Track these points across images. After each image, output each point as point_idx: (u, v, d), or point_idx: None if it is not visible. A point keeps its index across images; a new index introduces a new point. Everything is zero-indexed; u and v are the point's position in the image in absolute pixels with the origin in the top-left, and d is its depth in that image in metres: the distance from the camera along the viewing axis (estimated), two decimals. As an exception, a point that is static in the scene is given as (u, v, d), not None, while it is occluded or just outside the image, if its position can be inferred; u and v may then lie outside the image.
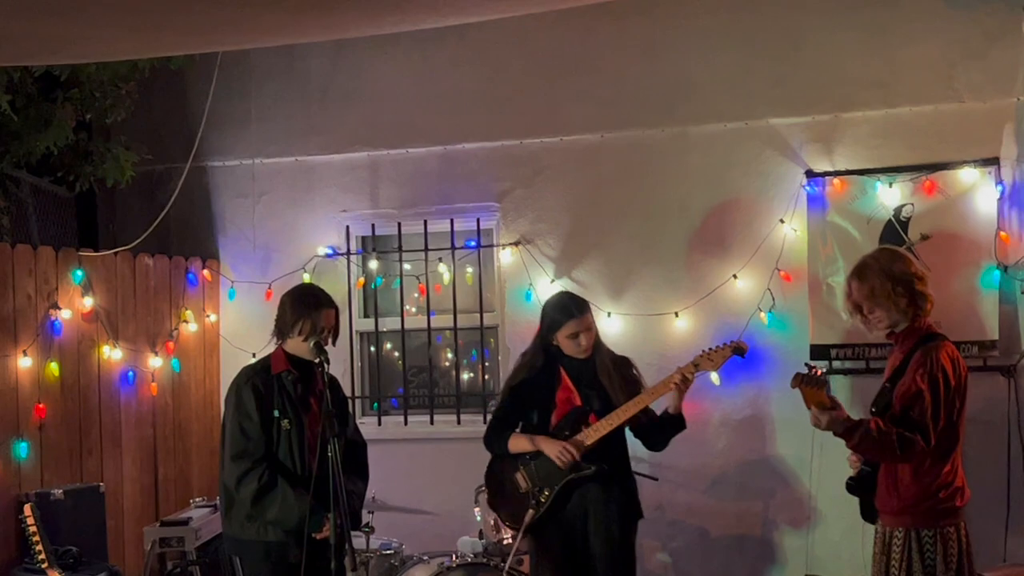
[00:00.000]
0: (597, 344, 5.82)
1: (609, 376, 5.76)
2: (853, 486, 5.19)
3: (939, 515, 4.93)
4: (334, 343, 5.52)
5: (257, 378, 5.44)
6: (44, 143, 7.38)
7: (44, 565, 5.02)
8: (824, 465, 7.18)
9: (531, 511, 5.65)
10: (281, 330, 5.53)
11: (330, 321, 5.50)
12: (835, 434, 4.91)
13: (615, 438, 5.71)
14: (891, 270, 5.02)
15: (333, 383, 5.53)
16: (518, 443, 5.76)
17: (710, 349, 5.71)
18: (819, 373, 4.80)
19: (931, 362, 4.91)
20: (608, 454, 5.71)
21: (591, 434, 5.64)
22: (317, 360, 5.31)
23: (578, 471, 5.64)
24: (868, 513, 5.22)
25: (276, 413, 5.37)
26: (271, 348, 5.64)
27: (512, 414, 5.86)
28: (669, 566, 7.65)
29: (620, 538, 5.71)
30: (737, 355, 5.70)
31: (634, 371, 5.93)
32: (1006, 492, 6.93)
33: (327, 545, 5.05)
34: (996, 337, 6.99)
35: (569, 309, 5.75)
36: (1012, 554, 6.81)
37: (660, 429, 5.83)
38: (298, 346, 5.46)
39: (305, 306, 5.48)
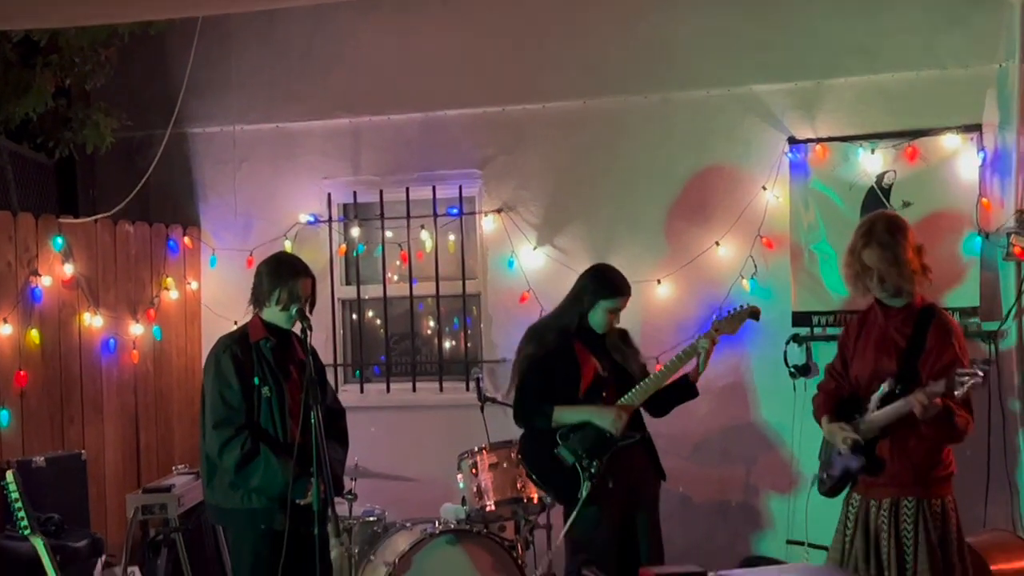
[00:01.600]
0: None
1: (619, 348, 5.96)
2: (867, 467, 5.13)
3: (942, 482, 5.00)
4: (310, 312, 5.51)
5: (236, 346, 5.43)
6: (23, 109, 7.33)
7: (27, 532, 5.00)
8: (806, 431, 7.19)
9: (586, 483, 5.70)
10: (258, 299, 5.52)
11: (307, 290, 5.50)
12: (927, 423, 4.89)
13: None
14: (910, 238, 5.05)
15: (312, 352, 5.52)
16: (564, 415, 5.82)
17: (728, 313, 5.93)
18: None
19: (955, 334, 4.97)
20: (639, 421, 5.91)
21: (633, 400, 5.81)
22: (301, 328, 5.30)
23: (624, 439, 5.78)
24: (834, 489, 5.26)
25: (256, 381, 5.37)
26: (250, 317, 5.64)
27: (542, 385, 5.91)
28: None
29: (655, 502, 5.99)
30: (752, 318, 5.90)
31: (632, 342, 6.13)
32: (986, 459, 6.96)
33: (311, 512, 5.05)
34: (977, 304, 7.01)
35: (624, 286, 5.91)
36: (991, 520, 6.85)
37: (670, 396, 6.02)
38: (275, 314, 5.47)
39: (282, 275, 5.48)
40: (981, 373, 4.68)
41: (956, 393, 4.71)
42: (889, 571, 4.96)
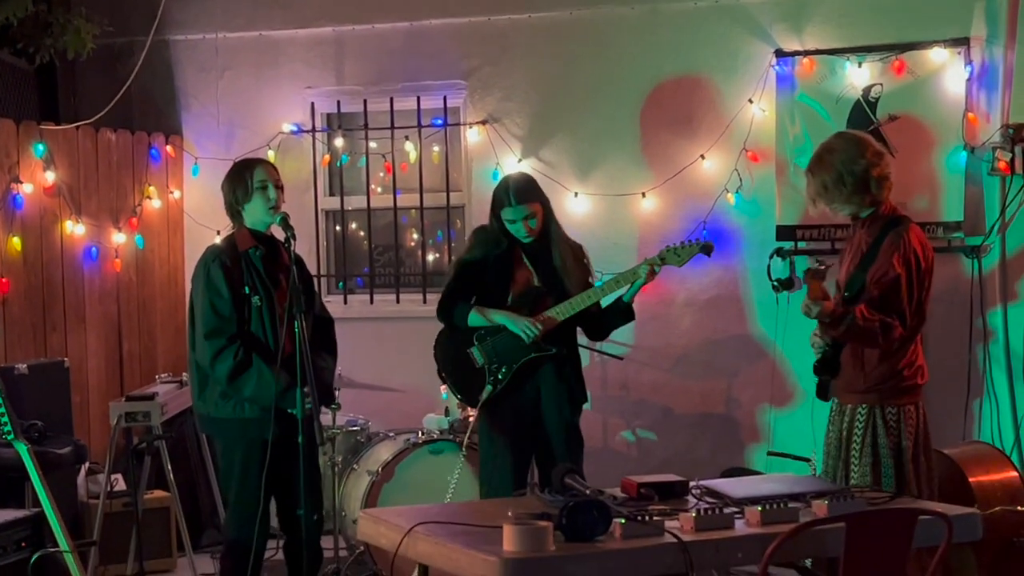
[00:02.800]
0: (549, 228, 5.70)
1: (564, 261, 5.68)
2: (820, 368, 5.21)
3: (902, 392, 4.98)
4: (282, 197, 5.47)
5: (224, 256, 5.37)
6: (3, 14, 7.22)
7: (11, 437, 5.00)
8: (787, 345, 7.23)
9: (488, 387, 5.64)
10: (232, 208, 5.46)
11: (271, 174, 5.43)
12: (821, 323, 4.91)
13: (568, 322, 5.66)
14: (842, 163, 4.97)
15: (298, 261, 5.49)
16: (481, 315, 5.67)
17: (679, 244, 5.67)
18: (823, 267, 4.79)
19: (904, 245, 4.91)
20: (563, 337, 5.68)
21: (558, 314, 5.60)
22: (285, 237, 5.26)
23: (539, 350, 5.62)
24: (823, 391, 5.27)
25: (247, 290, 5.33)
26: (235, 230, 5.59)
27: (467, 287, 5.75)
28: (633, 444, 7.73)
29: (570, 419, 5.71)
30: (703, 253, 5.67)
31: (585, 259, 5.85)
32: (966, 372, 7.01)
33: (297, 421, 5.06)
34: (961, 218, 7.02)
35: (505, 196, 5.63)
36: (970, 433, 6.91)
37: (608, 318, 5.80)
38: (256, 216, 5.40)
39: (238, 173, 5.43)
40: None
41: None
42: (840, 474, 5.02)
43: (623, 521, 3.82)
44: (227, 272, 5.31)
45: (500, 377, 5.63)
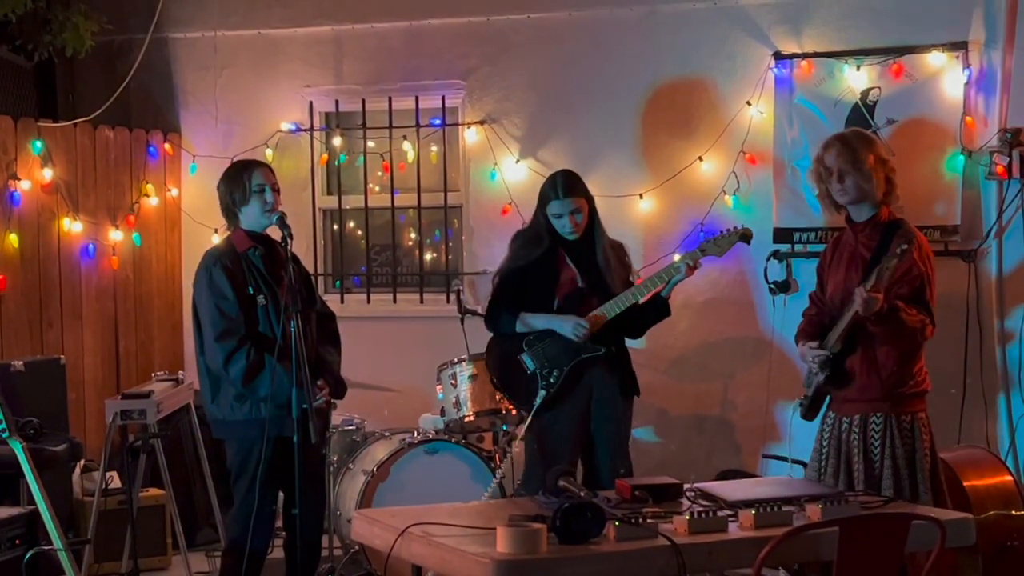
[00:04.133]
0: (595, 225, 5.79)
1: (607, 260, 5.75)
2: (830, 382, 5.13)
3: (914, 398, 4.99)
4: (279, 200, 5.47)
5: (225, 258, 5.38)
6: (2, 11, 7.22)
7: (6, 434, 5.01)
8: (784, 348, 7.24)
9: (542, 392, 5.66)
10: (228, 209, 5.47)
11: (269, 177, 5.45)
12: (868, 317, 4.84)
13: (612, 320, 5.70)
14: (876, 148, 5.03)
15: (295, 259, 5.50)
16: (530, 320, 5.73)
17: (718, 234, 5.74)
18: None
19: (920, 244, 4.94)
20: (610, 336, 5.73)
21: (606, 312, 5.65)
22: (282, 236, 5.27)
23: (588, 351, 5.66)
24: (814, 411, 5.27)
25: (251, 290, 5.34)
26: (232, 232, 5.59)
27: (514, 294, 5.80)
28: (628, 445, 7.71)
29: (623, 415, 5.81)
30: (743, 241, 5.74)
31: (626, 258, 5.95)
32: (962, 376, 7.01)
33: (315, 418, 5.07)
34: (958, 222, 7.02)
35: (553, 190, 5.70)
36: (966, 437, 6.91)
37: (648, 314, 5.86)
38: (252, 219, 5.42)
39: (235, 175, 5.45)
40: (899, 250, 4.68)
41: (884, 277, 4.69)
42: (859, 487, 5.00)
43: (617, 523, 3.82)
44: (230, 274, 5.32)
45: (552, 381, 5.66)
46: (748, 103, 7.38)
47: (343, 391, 5.67)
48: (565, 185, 5.69)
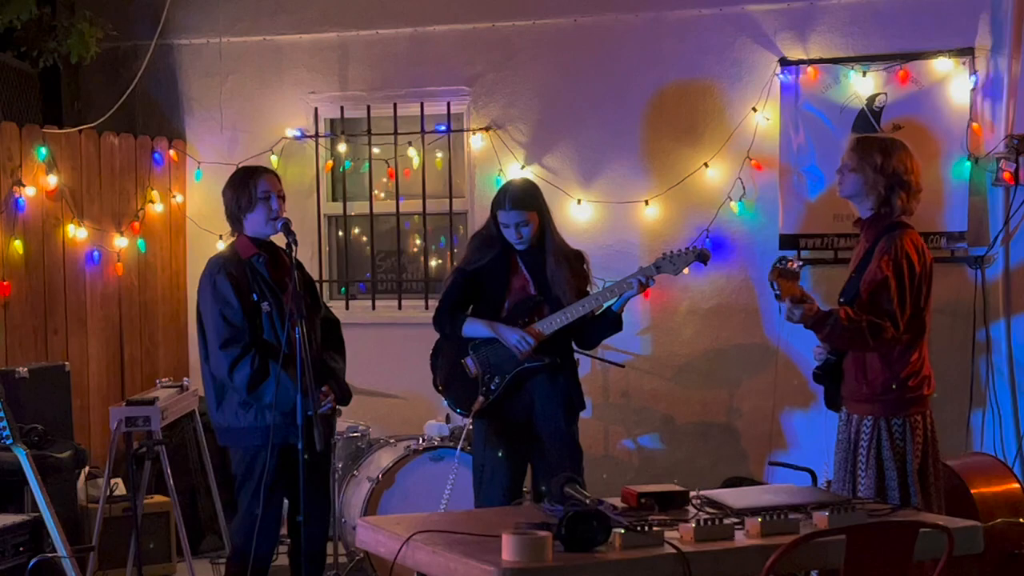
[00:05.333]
0: (547, 236, 5.68)
1: (559, 269, 5.64)
2: (820, 375, 5.22)
3: (908, 403, 4.97)
4: (283, 207, 5.47)
5: (229, 265, 5.37)
6: (7, 17, 7.23)
7: (10, 441, 5.00)
8: (789, 354, 7.23)
9: (480, 398, 5.61)
10: (233, 215, 5.46)
11: (274, 184, 5.44)
12: (806, 327, 4.90)
13: (563, 330, 5.63)
14: (895, 160, 5.02)
15: (299, 266, 5.49)
16: (474, 327, 5.66)
17: (673, 252, 5.66)
18: (793, 265, 4.78)
19: (895, 249, 4.92)
20: (557, 346, 5.66)
21: (549, 325, 5.57)
22: (287, 243, 5.27)
23: (531, 361, 5.60)
24: (832, 401, 5.26)
25: (255, 297, 5.33)
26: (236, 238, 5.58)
27: (463, 296, 5.74)
28: (634, 452, 7.71)
29: (566, 429, 5.69)
30: (699, 261, 5.66)
31: (585, 266, 5.82)
32: (969, 383, 6.99)
33: (320, 426, 5.06)
34: (965, 228, 7.00)
35: (501, 200, 5.63)
36: (973, 444, 6.89)
37: (598, 327, 5.78)
38: (257, 226, 5.41)
39: (241, 182, 5.43)
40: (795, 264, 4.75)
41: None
42: (848, 485, 5.02)
43: (623, 531, 3.80)
44: (234, 281, 5.31)
45: (492, 388, 5.62)
46: (754, 109, 7.37)
47: (348, 398, 5.65)
48: (513, 198, 5.60)
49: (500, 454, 5.63)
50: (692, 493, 4.44)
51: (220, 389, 5.36)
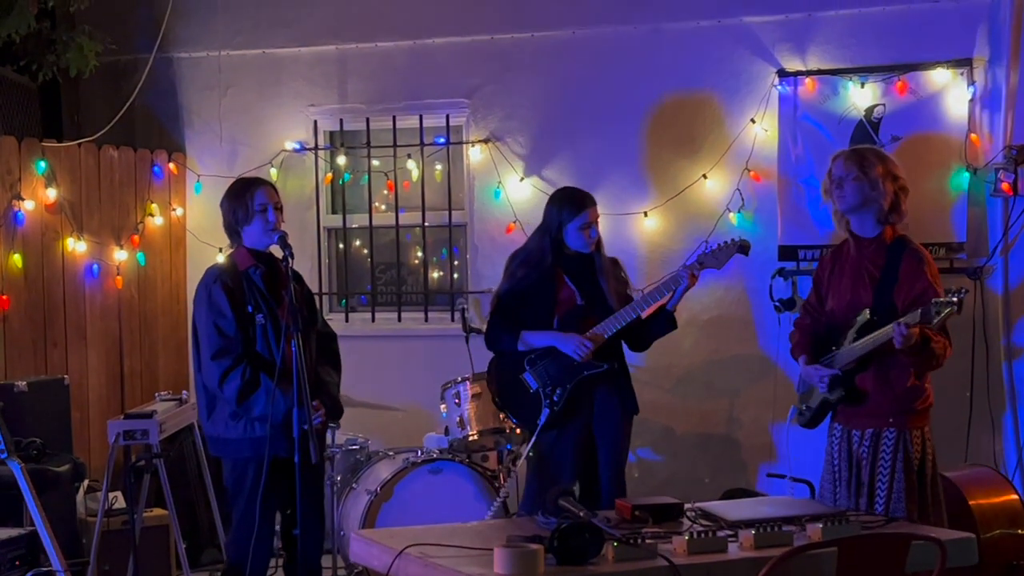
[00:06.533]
0: (599, 241, 5.87)
1: (607, 276, 5.81)
2: (846, 397, 5.14)
3: (921, 414, 5.02)
4: (281, 219, 5.48)
5: (225, 276, 5.39)
6: (6, 31, 7.25)
7: (5, 456, 5.01)
8: (790, 366, 7.20)
9: (546, 410, 5.67)
10: (231, 227, 5.47)
11: (272, 196, 5.45)
12: (905, 352, 4.88)
13: (615, 335, 5.75)
14: (888, 163, 5.05)
15: (297, 278, 5.50)
16: (531, 338, 5.76)
17: (716, 246, 5.78)
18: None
19: (929, 262, 5.03)
20: (612, 351, 5.76)
21: (606, 329, 5.68)
22: (283, 255, 5.27)
23: (591, 368, 5.68)
24: (818, 420, 5.29)
25: (250, 309, 5.33)
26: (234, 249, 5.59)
27: (510, 315, 5.84)
28: (634, 464, 7.68)
29: (622, 432, 5.83)
30: (740, 253, 5.77)
31: (623, 273, 6.00)
32: (968, 394, 6.98)
33: (305, 439, 5.06)
34: (964, 239, 7.00)
35: (585, 199, 5.79)
36: (972, 455, 6.87)
37: (649, 329, 5.90)
38: (255, 237, 5.41)
39: (239, 194, 5.45)
40: (956, 299, 4.66)
41: (933, 323, 4.69)
42: (869, 499, 5.00)
43: (616, 544, 3.80)
44: (229, 292, 5.32)
45: (556, 399, 5.67)
46: (752, 121, 7.37)
47: (339, 413, 5.66)
48: (587, 197, 5.82)
49: (564, 462, 5.71)
50: (687, 505, 4.44)
51: (211, 399, 5.38)
